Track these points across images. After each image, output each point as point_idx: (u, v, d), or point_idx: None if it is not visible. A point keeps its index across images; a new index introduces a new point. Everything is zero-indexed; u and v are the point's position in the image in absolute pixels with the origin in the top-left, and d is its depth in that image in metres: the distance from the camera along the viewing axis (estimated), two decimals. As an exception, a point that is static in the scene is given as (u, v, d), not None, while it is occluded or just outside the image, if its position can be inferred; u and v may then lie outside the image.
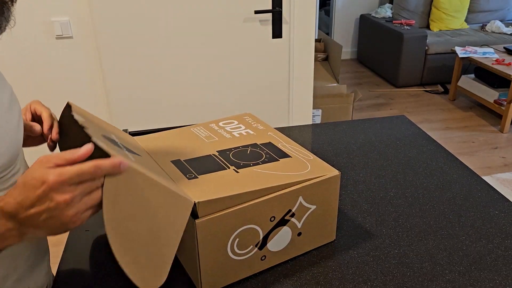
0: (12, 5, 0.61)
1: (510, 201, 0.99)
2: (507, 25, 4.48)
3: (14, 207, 0.51)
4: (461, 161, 1.15)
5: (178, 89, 2.33)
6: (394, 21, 4.32)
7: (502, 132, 3.34)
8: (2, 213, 0.52)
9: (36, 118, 0.80)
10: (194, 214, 0.71)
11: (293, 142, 0.93)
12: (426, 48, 4.07)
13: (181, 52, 2.22)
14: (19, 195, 0.51)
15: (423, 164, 1.14)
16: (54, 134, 0.76)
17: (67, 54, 2.13)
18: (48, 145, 0.78)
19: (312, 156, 0.87)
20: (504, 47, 3.76)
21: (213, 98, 2.29)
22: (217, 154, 0.85)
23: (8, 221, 0.52)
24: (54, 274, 0.85)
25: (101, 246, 0.88)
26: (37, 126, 0.77)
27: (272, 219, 0.76)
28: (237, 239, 0.73)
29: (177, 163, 0.80)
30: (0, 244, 0.54)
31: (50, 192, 0.49)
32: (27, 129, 0.77)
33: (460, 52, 3.72)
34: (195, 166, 0.79)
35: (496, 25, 4.40)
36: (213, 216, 0.69)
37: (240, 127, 1.02)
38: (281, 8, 2.18)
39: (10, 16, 0.61)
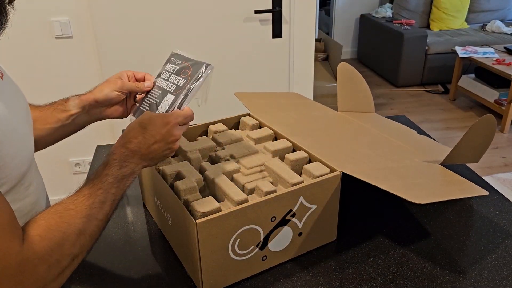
0: (10, 4, 0.61)
1: (510, 201, 0.99)
2: (507, 25, 4.47)
3: (139, 145, 0.67)
4: (461, 161, 1.15)
5: (179, 89, 2.32)
6: (394, 21, 4.32)
7: (503, 132, 3.34)
8: (131, 153, 0.67)
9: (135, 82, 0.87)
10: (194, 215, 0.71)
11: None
12: (427, 48, 4.07)
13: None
14: (139, 133, 0.67)
15: (423, 164, 1.14)
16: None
17: (66, 54, 2.13)
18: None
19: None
20: (505, 47, 3.76)
21: (212, 97, 2.29)
22: None
23: (135, 158, 0.67)
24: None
25: (101, 247, 0.88)
26: (150, 83, 0.84)
27: (273, 219, 0.76)
28: (238, 240, 0.73)
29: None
30: (128, 182, 0.67)
31: (173, 129, 0.68)
32: (134, 88, 0.83)
33: (461, 52, 3.72)
34: None
35: (497, 25, 4.39)
36: (214, 216, 0.69)
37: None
38: (281, 8, 2.18)
39: (7, 16, 0.61)
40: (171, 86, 0.80)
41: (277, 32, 2.24)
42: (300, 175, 0.83)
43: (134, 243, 0.89)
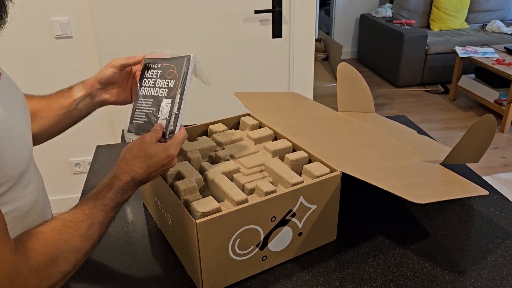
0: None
1: (510, 201, 0.99)
2: (507, 25, 4.47)
3: (143, 175, 0.69)
4: (461, 161, 1.15)
5: (179, 89, 2.32)
6: (394, 21, 4.32)
7: (503, 132, 3.34)
8: (135, 183, 0.69)
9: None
10: (194, 215, 0.71)
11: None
12: (427, 48, 4.07)
13: (181, 52, 2.22)
14: (145, 163, 0.69)
15: (424, 164, 1.14)
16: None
17: (66, 54, 2.13)
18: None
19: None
20: (505, 47, 3.76)
21: (212, 97, 2.29)
22: None
23: (136, 185, 0.70)
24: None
25: (101, 247, 0.88)
26: (137, 55, 0.82)
27: (273, 219, 0.76)
28: (238, 240, 0.73)
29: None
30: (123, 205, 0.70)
31: (173, 159, 0.72)
32: (125, 64, 0.82)
33: (461, 52, 3.72)
34: None
35: (497, 25, 4.39)
36: (214, 216, 0.69)
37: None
38: (281, 7, 2.18)
39: (7, 11, 0.61)
40: (162, 91, 0.78)
41: (277, 32, 2.24)
42: (300, 175, 0.83)
43: (134, 243, 0.89)
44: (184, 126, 0.99)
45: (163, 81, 0.78)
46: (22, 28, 2.03)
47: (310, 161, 0.87)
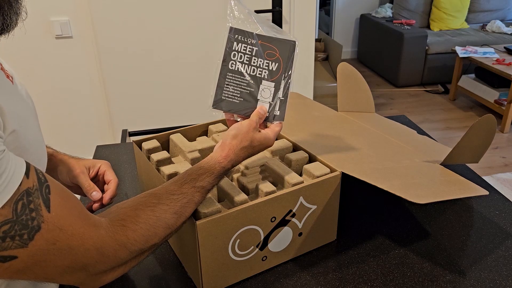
0: None
1: (510, 201, 0.99)
2: (507, 25, 4.47)
3: (241, 162, 0.72)
4: (461, 161, 1.15)
5: (178, 89, 2.33)
6: (394, 21, 4.32)
7: (503, 132, 3.34)
8: (231, 168, 0.71)
9: (101, 181, 0.84)
10: (195, 216, 0.71)
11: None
12: (427, 48, 4.07)
13: (181, 52, 2.22)
14: (247, 153, 0.72)
15: (424, 164, 1.14)
16: (107, 200, 0.80)
17: (66, 54, 2.13)
18: (93, 207, 0.80)
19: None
20: (505, 47, 3.76)
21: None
22: None
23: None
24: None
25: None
26: (97, 194, 0.80)
27: (273, 219, 0.76)
28: (238, 240, 0.73)
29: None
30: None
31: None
32: (85, 188, 0.80)
33: (461, 52, 3.72)
34: None
35: (497, 25, 4.39)
36: (214, 217, 0.69)
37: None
38: (281, 8, 2.18)
39: (20, 8, 0.61)
40: (261, 71, 0.74)
41: (277, 32, 2.24)
42: (300, 175, 0.83)
43: (134, 243, 0.89)
44: (184, 126, 0.99)
45: (261, 61, 0.74)
46: (22, 28, 2.03)
47: (310, 161, 0.87)
